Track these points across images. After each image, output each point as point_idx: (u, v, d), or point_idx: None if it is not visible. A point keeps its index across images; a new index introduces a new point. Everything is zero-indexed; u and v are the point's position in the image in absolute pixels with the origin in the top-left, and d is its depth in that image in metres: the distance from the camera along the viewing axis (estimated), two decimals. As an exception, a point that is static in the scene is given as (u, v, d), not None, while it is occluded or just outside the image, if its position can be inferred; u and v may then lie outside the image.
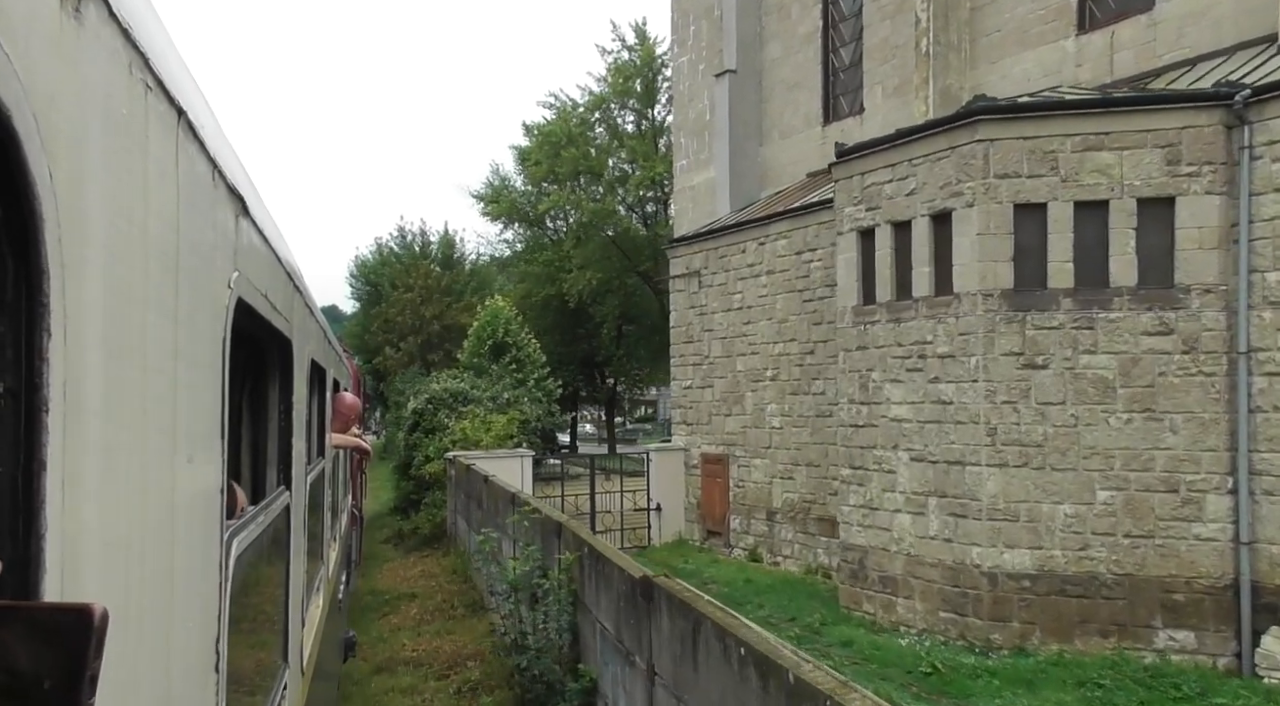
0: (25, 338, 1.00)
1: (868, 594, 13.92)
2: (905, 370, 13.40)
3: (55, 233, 1.00)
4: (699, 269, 21.04)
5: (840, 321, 14.75)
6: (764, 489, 19.10)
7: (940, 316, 12.83)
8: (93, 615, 0.82)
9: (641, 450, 25.90)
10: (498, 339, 32.14)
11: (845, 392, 14.56)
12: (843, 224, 14.60)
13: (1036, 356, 12.09)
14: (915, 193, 13.21)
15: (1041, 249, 12.15)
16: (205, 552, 1.89)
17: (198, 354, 1.76)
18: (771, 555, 18.89)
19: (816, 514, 17.79)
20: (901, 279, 13.55)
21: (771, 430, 18.89)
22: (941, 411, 12.82)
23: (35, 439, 0.99)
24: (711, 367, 20.64)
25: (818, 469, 17.83)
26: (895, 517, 13.50)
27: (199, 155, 1.72)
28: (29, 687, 0.79)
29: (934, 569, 12.84)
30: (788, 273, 18.52)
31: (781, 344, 18.66)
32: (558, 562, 8.13)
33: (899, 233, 13.59)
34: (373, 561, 19.02)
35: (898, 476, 13.51)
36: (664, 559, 19.17)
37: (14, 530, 0.97)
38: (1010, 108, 12.21)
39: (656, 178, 44.24)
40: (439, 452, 22.08)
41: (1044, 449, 12.04)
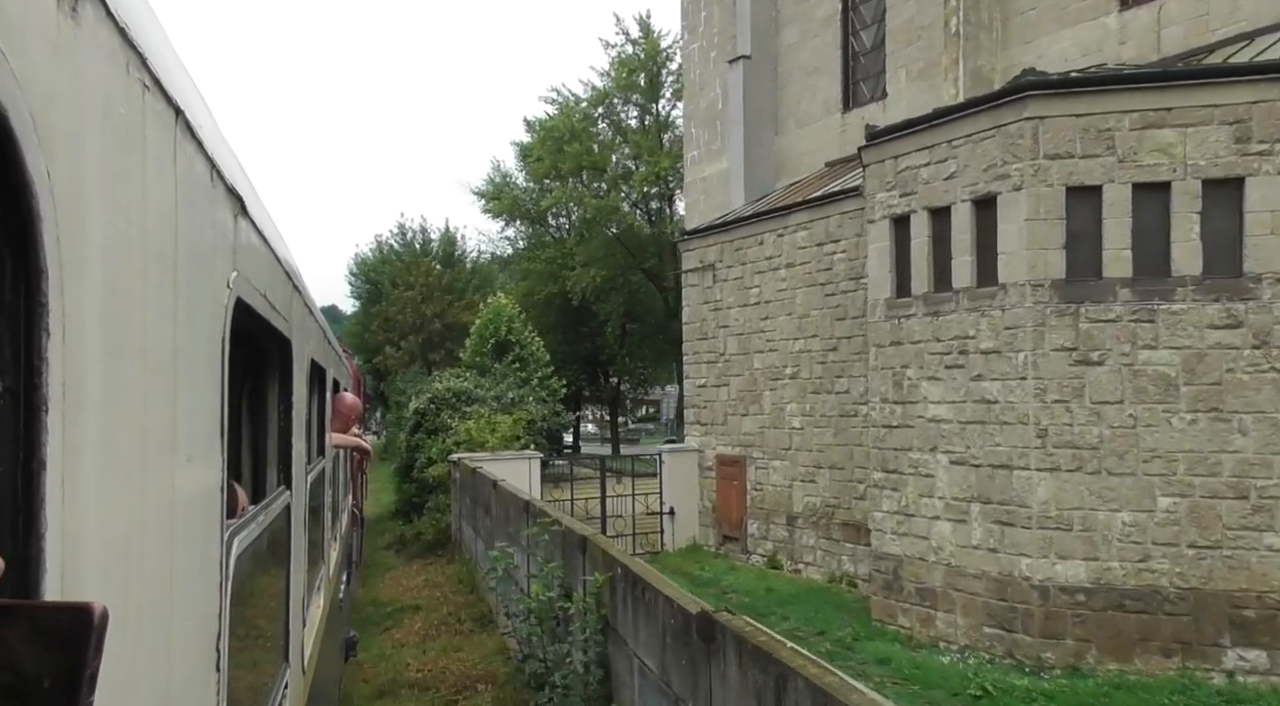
0: (24, 337, 0.99)
1: (903, 606, 12.96)
2: (944, 367, 12.45)
3: (53, 232, 1.00)
4: (713, 262, 20.09)
5: (871, 315, 13.80)
6: (784, 492, 18.15)
7: (984, 309, 11.88)
8: (93, 614, 0.81)
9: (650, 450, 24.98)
10: (500, 337, 31.22)
11: (877, 391, 13.60)
12: (874, 211, 13.65)
13: (1091, 352, 11.13)
14: (955, 176, 12.25)
15: (1096, 235, 11.19)
16: (205, 552, 1.89)
17: (197, 353, 1.76)
18: (792, 562, 17.94)
19: (841, 519, 16.85)
20: (940, 269, 12.60)
21: (792, 431, 17.94)
22: (985, 411, 11.87)
23: (35, 438, 0.99)
24: (727, 365, 19.68)
25: (842, 471, 16.88)
26: (933, 525, 12.55)
27: (197, 154, 1.70)
28: (29, 686, 0.78)
29: (978, 581, 11.89)
30: (808, 265, 17.57)
31: (802, 340, 17.71)
32: (583, 584, 7.18)
33: (937, 220, 12.63)
34: (374, 569, 18.07)
35: (936, 481, 12.55)
36: (679, 565, 18.23)
37: (14, 529, 0.97)
38: (1062, 82, 11.24)
39: (661, 173, 43.30)
40: (442, 454, 21.15)
41: (1099, 452, 11.09)
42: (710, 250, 20.23)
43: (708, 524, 20.27)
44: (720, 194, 23.25)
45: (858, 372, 16.56)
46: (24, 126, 0.91)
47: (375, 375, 49.01)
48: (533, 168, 46.84)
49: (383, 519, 24.94)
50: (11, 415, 0.98)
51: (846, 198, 16.67)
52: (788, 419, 18.03)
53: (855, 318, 16.59)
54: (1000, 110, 11.60)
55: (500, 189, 50.61)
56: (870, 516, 13.97)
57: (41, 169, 0.96)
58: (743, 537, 19.18)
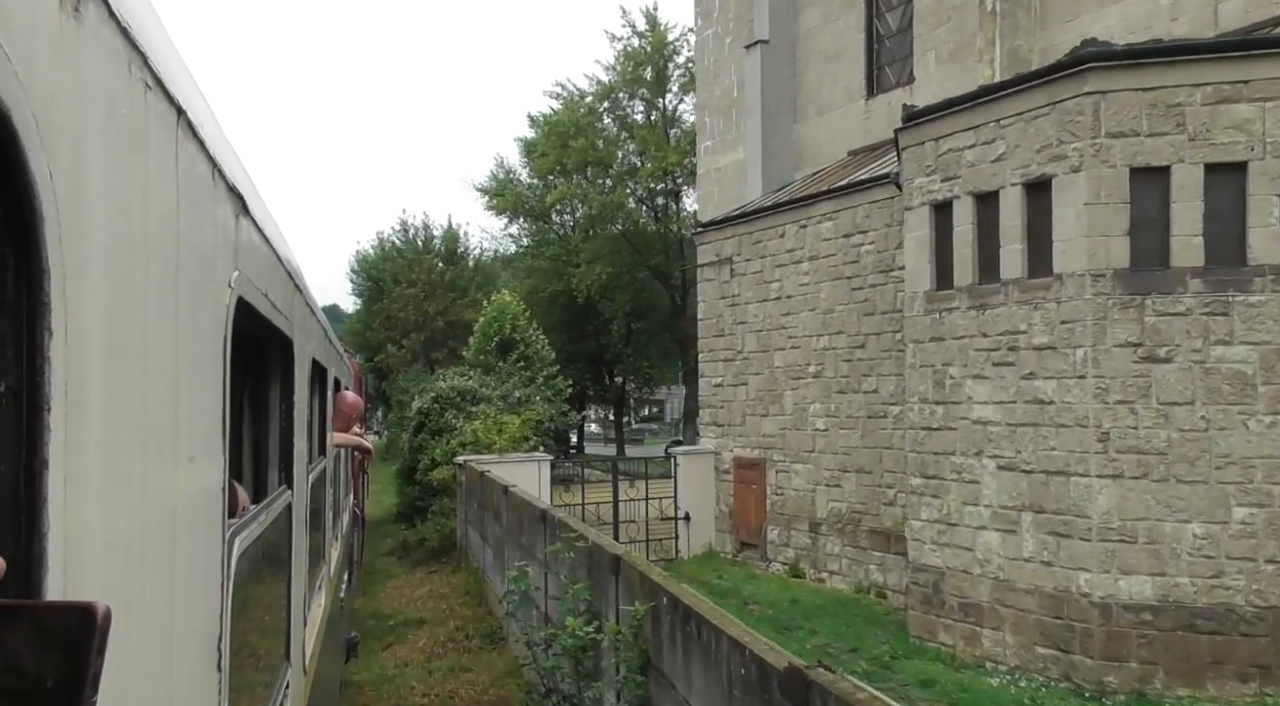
0: (26, 336, 0.99)
1: (945, 622, 11.99)
2: (991, 364, 11.48)
3: (56, 231, 0.99)
4: (730, 256, 19.11)
5: (908, 309, 12.82)
6: (806, 497, 17.18)
7: (1037, 302, 10.91)
8: (96, 614, 0.80)
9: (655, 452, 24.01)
10: (505, 335, 30.28)
11: (915, 391, 12.63)
12: (911, 198, 12.68)
13: (1158, 348, 10.16)
14: (1004, 158, 11.28)
15: (1164, 221, 10.22)
16: (207, 551, 1.88)
17: (199, 353, 1.75)
18: (815, 570, 16.97)
19: (868, 526, 15.88)
20: (986, 259, 11.63)
21: (815, 432, 16.97)
22: (1038, 412, 10.90)
23: (37, 438, 0.98)
24: (745, 363, 18.72)
25: (869, 476, 15.92)
26: (979, 535, 11.58)
27: (199, 154, 1.70)
28: (32, 686, 0.77)
29: (1030, 596, 10.92)
30: (834, 258, 16.60)
31: (826, 337, 16.74)
32: (616, 611, 6.23)
33: (983, 205, 11.66)
34: (375, 577, 17.09)
35: (982, 487, 11.59)
36: (695, 573, 17.26)
37: (16, 529, 0.97)
38: (1127, 53, 10.26)
39: (669, 168, 42.32)
40: (446, 456, 20.19)
41: (1167, 457, 10.12)
42: (727, 243, 19.25)
43: (724, 529, 19.31)
44: (735, 185, 22.28)
45: (887, 371, 15.60)
46: (26, 126, 0.91)
47: (377, 374, 48.04)
48: (537, 164, 45.86)
49: (384, 522, 23.96)
50: (14, 415, 0.98)
51: (875, 186, 15.70)
52: (811, 420, 17.06)
53: (885, 313, 15.63)
54: (1057, 85, 10.63)
55: (504, 185, 49.65)
56: (907, 525, 13.00)
57: (44, 169, 0.95)
58: (762, 544, 18.21)
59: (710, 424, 19.80)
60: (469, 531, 16.87)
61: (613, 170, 44.60)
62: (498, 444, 18.17)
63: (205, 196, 1.78)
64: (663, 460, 22.59)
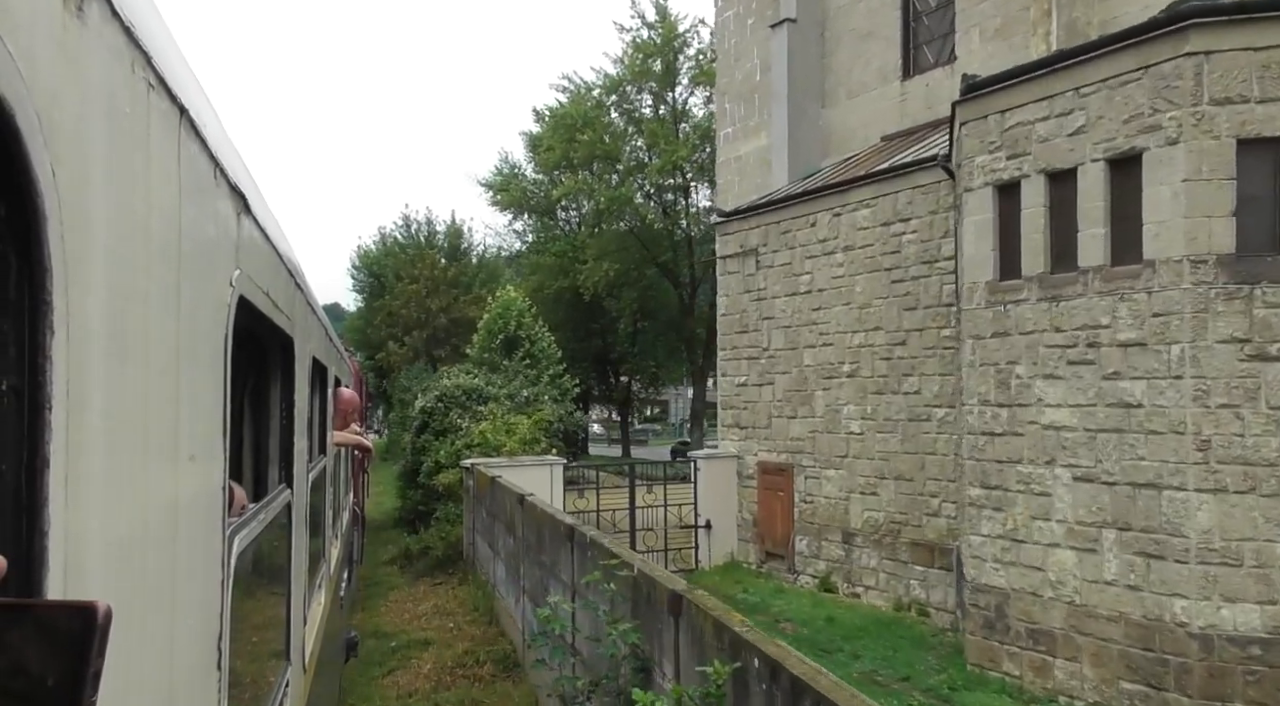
0: (28, 335, 0.98)
1: (1010, 650, 10.70)
2: (1066, 363, 10.19)
3: (58, 230, 0.99)
4: (756, 247, 17.82)
5: (966, 302, 11.53)
6: (839, 505, 15.90)
7: (1123, 292, 9.63)
8: (96, 613, 0.79)
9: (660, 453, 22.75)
10: (510, 332, 28.99)
11: (975, 392, 11.34)
12: (971, 178, 11.38)
13: (1269, 344, 8.87)
14: (1084, 131, 10.00)
15: (1275, 199, 8.95)
16: (207, 550, 1.86)
17: (200, 351, 1.73)
18: (849, 585, 15.68)
19: (909, 538, 14.60)
20: (1060, 244, 10.34)
21: (849, 436, 15.68)
22: (1124, 417, 9.61)
23: (38, 436, 0.97)
24: (772, 361, 17.43)
25: (910, 483, 14.63)
26: (1051, 553, 10.30)
27: (201, 153, 1.67)
28: (33, 686, 0.77)
29: (1113, 624, 9.64)
30: (871, 248, 15.32)
31: (862, 333, 15.45)
32: (676, 664, 4.93)
33: (1057, 185, 10.37)
34: (375, 589, 15.78)
35: (1054, 500, 10.30)
36: (717, 585, 15.98)
37: (17, 528, 0.96)
38: (1236, 7, 8.93)
39: (679, 162, 41.02)
40: (451, 457, 18.90)
41: (1279, 469, 8.84)
42: (752, 233, 17.96)
43: (747, 539, 18.01)
44: (758, 174, 20.97)
45: (931, 370, 14.32)
46: (29, 125, 0.91)
47: (378, 372, 46.74)
48: (543, 158, 44.57)
49: (385, 527, 22.65)
50: (15, 413, 0.97)
51: (919, 170, 14.41)
52: (844, 422, 15.78)
53: (929, 307, 14.35)
54: (1150, 46, 9.34)
55: (509, 180, 48.36)
56: (963, 540, 11.69)
57: (46, 167, 0.95)
58: (789, 555, 16.92)
59: (732, 426, 18.50)
60: (476, 540, 15.58)
61: (621, 164, 43.29)
62: (507, 446, 16.87)
63: (207, 195, 1.76)
64: (680, 463, 21.32)
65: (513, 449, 16.86)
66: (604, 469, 17.70)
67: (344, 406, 7.30)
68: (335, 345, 7.27)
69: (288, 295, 3.15)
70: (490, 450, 17.02)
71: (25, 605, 0.84)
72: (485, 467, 15.47)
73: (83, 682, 0.78)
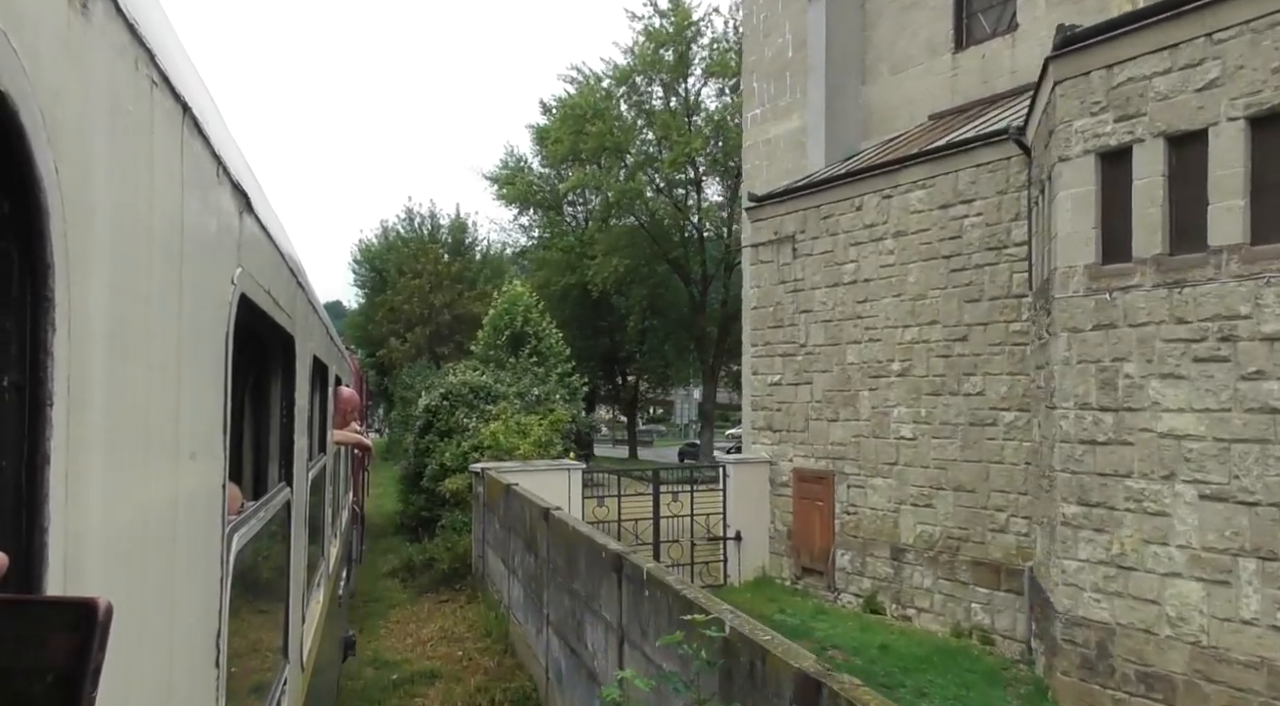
0: (30, 331, 0.97)
1: (1116, 695, 9.07)
2: (1192, 360, 8.57)
3: (61, 227, 0.98)
4: (793, 233, 16.20)
5: (1060, 289, 9.89)
6: (887, 518, 14.27)
7: (1269, 276, 7.99)
8: (97, 609, 0.79)
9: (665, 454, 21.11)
10: (516, 328, 27.35)
11: (1070, 393, 9.71)
12: (1068, 145, 9.75)
13: None
14: (1219, 84, 8.38)
15: None
16: (207, 548, 1.85)
17: (201, 349, 1.72)
18: (899, 606, 14.06)
19: (970, 555, 12.97)
20: (1183, 220, 8.72)
21: (900, 441, 14.06)
22: (1269, 425, 7.99)
23: (39, 433, 0.97)
24: (810, 358, 15.81)
25: (972, 495, 13.01)
26: (1170, 584, 8.68)
27: (203, 151, 1.66)
28: (33, 681, 0.77)
29: (1252, 672, 8.01)
30: (927, 233, 13.70)
31: (916, 328, 13.84)
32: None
33: (1180, 149, 8.75)
34: (376, 607, 14.14)
35: (1174, 521, 8.68)
36: (750, 604, 14.33)
37: (17, 524, 0.95)
38: None
39: (692, 155, 39.39)
40: (458, 460, 17.31)
41: None
42: (788, 219, 16.34)
43: (780, 552, 16.39)
44: (789, 157, 19.37)
45: (998, 369, 12.70)
46: (33, 122, 0.91)
47: (379, 370, 45.09)
48: (550, 151, 42.92)
49: (385, 533, 21.01)
50: (16, 410, 0.96)
51: (985, 145, 12.79)
52: (894, 426, 14.16)
53: (995, 298, 12.73)
54: (1311, -21, 7.73)
55: (515, 174, 46.74)
56: (1052, 564, 10.05)
57: (50, 164, 0.94)
58: (829, 571, 15.30)
59: (764, 429, 16.87)
60: (487, 553, 13.95)
61: (631, 153, 41.63)
62: (521, 449, 15.24)
63: (209, 193, 1.74)
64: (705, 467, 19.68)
65: (526, 452, 15.23)
66: (626, 474, 16.04)
67: (344, 405, 7.17)
68: (336, 343, 7.20)
69: (289, 293, 3.12)
70: (502, 453, 15.39)
71: (26, 601, 0.85)
72: (497, 473, 13.86)
73: (83, 679, 0.77)
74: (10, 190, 0.93)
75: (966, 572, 13.00)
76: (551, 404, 20.69)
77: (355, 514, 12.37)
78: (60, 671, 0.77)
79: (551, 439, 15.93)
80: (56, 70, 0.96)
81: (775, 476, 16.52)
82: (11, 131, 0.88)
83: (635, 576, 5.98)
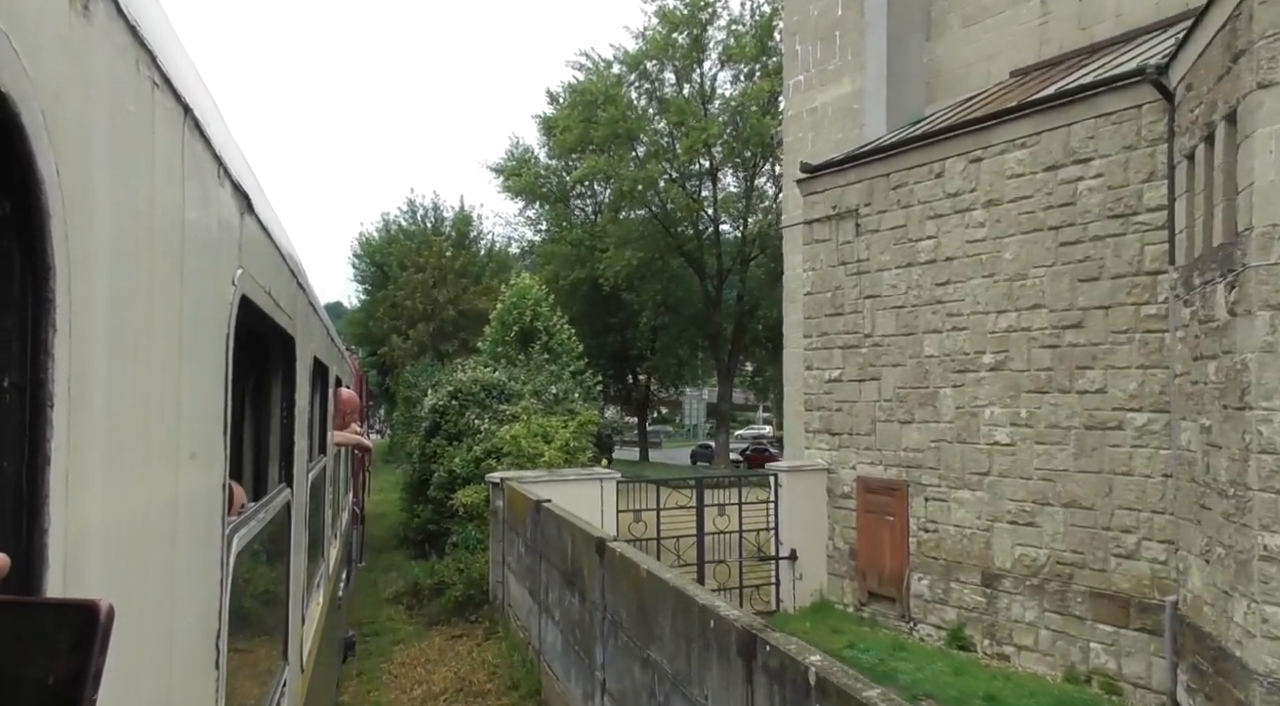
0: (31, 332, 0.96)
1: (1352, 786, 6.83)
2: None
3: (61, 228, 0.97)
4: (855, 207, 13.94)
5: (1257, 254, 7.59)
6: (976, 537, 12.02)
7: None
8: (99, 611, 0.76)
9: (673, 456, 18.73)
10: (525, 324, 25.05)
11: (1274, 389, 7.45)
12: (1272, 67, 7.49)
13: None
14: None
15: None
16: (207, 549, 1.81)
17: (201, 350, 1.69)
18: (993, 642, 11.78)
19: (1088, 584, 10.71)
20: None
21: (993, 447, 11.80)
22: None
23: (39, 434, 0.95)
24: (877, 351, 13.55)
25: (1089, 513, 10.75)
26: None
27: (204, 152, 1.63)
28: (33, 684, 0.73)
29: None
30: (1029, 201, 11.44)
31: (1014, 313, 11.59)
32: None
33: None
34: (377, 641, 11.82)
35: None
36: (812, 636, 12.06)
37: (17, 525, 0.94)
38: None
39: (708, 141, 37.13)
40: (469, 466, 15.06)
41: None
42: (850, 191, 14.07)
43: (841, 573, 14.12)
44: (838, 127, 17.11)
45: (1124, 362, 10.44)
46: (34, 123, 0.90)
47: (380, 369, 42.79)
48: (559, 140, 40.63)
49: (386, 548, 18.72)
50: (17, 411, 0.95)
51: (1109, 91, 10.53)
52: (985, 429, 11.90)
53: (1121, 276, 10.48)
54: None
55: (521, 165, 44.45)
56: (1251, 611, 7.76)
57: (51, 166, 0.94)
58: (902, 598, 13.03)
59: (820, 431, 14.60)
60: (508, 579, 11.67)
61: (645, 139, 39.32)
62: (547, 455, 12.96)
63: (210, 194, 1.71)
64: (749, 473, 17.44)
65: (552, 459, 12.96)
66: (666, 483, 13.79)
67: (344, 406, 7.10)
68: (336, 344, 7.11)
69: (290, 294, 3.05)
70: (523, 460, 13.12)
71: (27, 603, 0.83)
72: (519, 484, 11.60)
73: (84, 681, 0.75)
74: (11, 191, 0.92)
75: (1083, 605, 10.73)
76: (570, 403, 18.44)
77: (355, 515, 12.03)
78: (61, 674, 0.74)
79: (582, 443, 13.65)
80: (58, 71, 0.95)
81: (834, 486, 14.25)
82: (13, 132, 0.87)
83: (787, 674, 3.71)
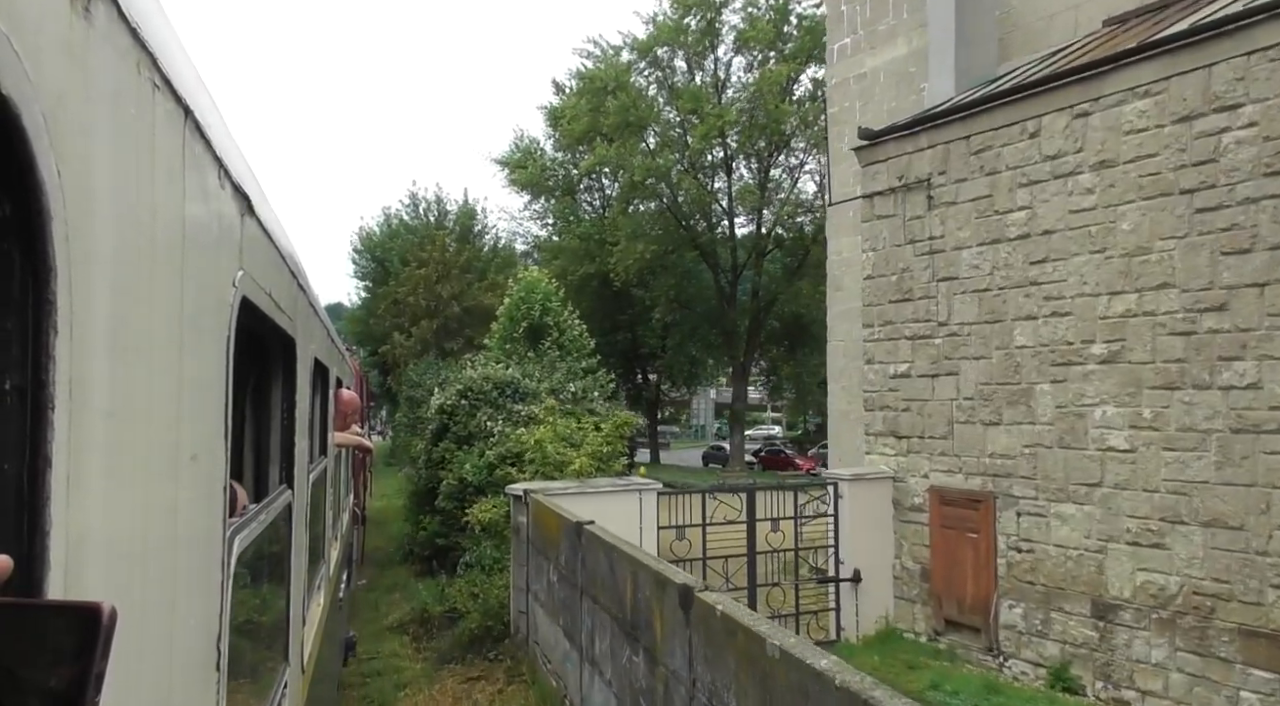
0: (32, 334, 0.95)
1: None
2: None
3: (62, 230, 0.96)
4: (927, 176, 12.02)
5: None
6: (1085, 560, 10.09)
7: None
8: (101, 614, 0.75)
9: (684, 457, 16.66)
10: (534, 319, 23.10)
11: None
12: None
13: None
14: None
15: None
16: (207, 551, 1.79)
17: (202, 352, 1.68)
18: (1109, 685, 9.85)
19: (1236, 620, 8.79)
20: None
21: (1105, 454, 9.89)
22: None
23: (40, 436, 0.94)
24: (954, 341, 11.63)
25: (1237, 534, 8.82)
26: None
27: (205, 154, 1.62)
28: (35, 687, 0.73)
29: None
30: (1153, 160, 9.53)
31: (1133, 295, 9.67)
32: None
33: None
34: (376, 685, 9.85)
35: None
36: (882, 671, 10.14)
37: (18, 527, 0.93)
38: None
39: (724, 129, 35.21)
40: (481, 472, 13.19)
41: None
42: (919, 158, 12.16)
43: (912, 597, 12.19)
44: (891, 95, 15.21)
45: (1282, 350, 8.54)
46: (35, 125, 0.89)
47: (381, 369, 40.88)
48: (566, 131, 38.70)
49: (390, 561, 16.78)
50: (18, 412, 0.94)
51: (1269, 19, 8.63)
52: (1095, 432, 9.98)
53: (1278, 247, 8.57)
54: None
55: (527, 157, 42.53)
56: None
57: (52, 167, 0.93)
58: (989, 628, 11.10)
59: (883, 434, 12.68)
60: (535, 612, 9.74)
61: (656, 129, 37.39)
62: (576, 463, 11.03)
63: (211, 196, 1.70)
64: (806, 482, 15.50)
65: (582, 466, 11.02)
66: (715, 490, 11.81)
67: (345, 407, 6.97)
68: (337, 346, 7.01)
69: (290, 296, 3.04)
70: (550, 468, 11.19)
71: (28, 605, 0.82)
72: (546, 496, 9.68)
73: (86, 684, 0.74)
74: (12, 193, 0.91)
75: (1229, 645, 8.81)
76: (590, 402, 16.55)
77: (356, 516, 11.84)
78: (63, 677, 0.73)
79: (616, 448, 11.71)
80: (59, 73, 0.95)
81: (902, 497, 12.32)
82: (13, 134, 0.86)
83: None
